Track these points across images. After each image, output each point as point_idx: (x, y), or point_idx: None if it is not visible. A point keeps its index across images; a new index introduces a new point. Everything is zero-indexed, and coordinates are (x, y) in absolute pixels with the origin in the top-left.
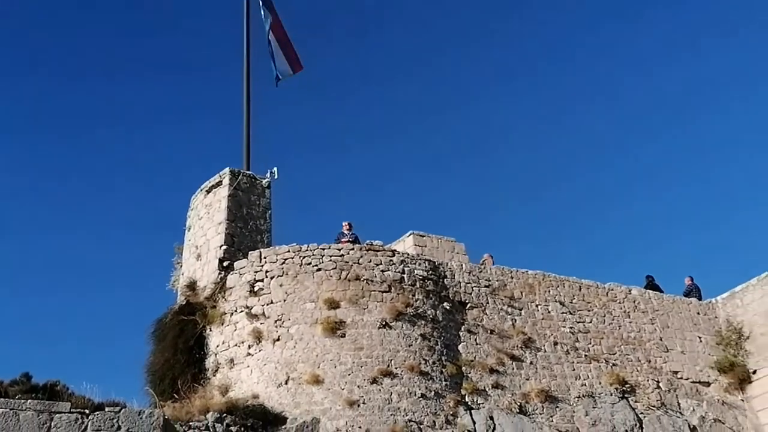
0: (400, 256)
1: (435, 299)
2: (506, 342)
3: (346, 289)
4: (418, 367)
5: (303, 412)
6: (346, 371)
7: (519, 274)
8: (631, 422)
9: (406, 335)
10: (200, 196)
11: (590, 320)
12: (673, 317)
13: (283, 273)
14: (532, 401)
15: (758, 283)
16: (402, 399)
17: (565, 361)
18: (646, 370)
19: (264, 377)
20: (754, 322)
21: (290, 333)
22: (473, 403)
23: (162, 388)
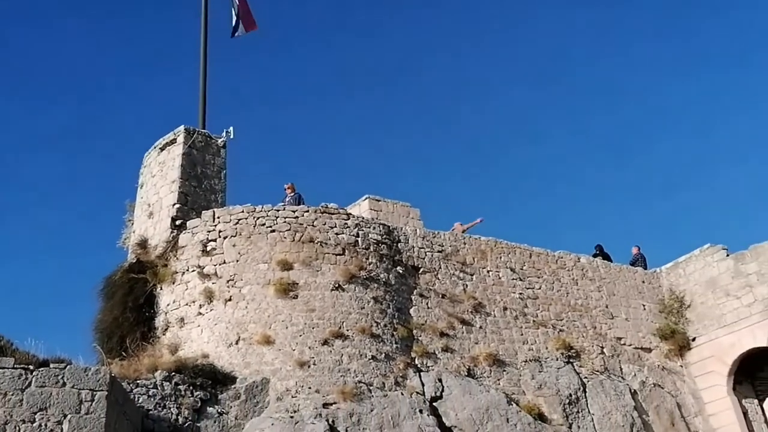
0: (355, 219)
1: (388, 263)
2: (457, 306)
3: (299, 250)
4: (370, 330)
5: (253, 372)
6: (298, 332)
7: (472, 240)
8: (575, 386)
9: (359, 298)
10: (154, 154)
11: (539, 287)
12: (619, 285)
13: (237, 233)
14: (480, 365)
15: (700, 254)
16: (352, 360)
17: (514, 326)
18: (592, 336)
19: (215, 337)
20: (695, 292)
21: (242, 293)
22: (423, 365)
23: (110, 346)
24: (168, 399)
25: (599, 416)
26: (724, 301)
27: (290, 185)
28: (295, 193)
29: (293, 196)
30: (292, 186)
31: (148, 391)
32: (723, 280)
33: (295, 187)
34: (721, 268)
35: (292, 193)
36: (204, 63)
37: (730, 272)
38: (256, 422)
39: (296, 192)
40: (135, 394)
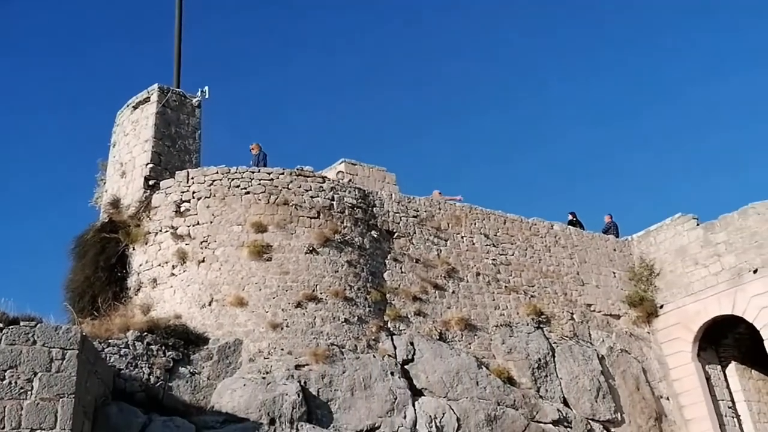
0: (330, 182)
1: (363, 227)
2: (430, 271)
3: (274, 213)
4: (343, 293)
5: (226, 333)
6: (271, 294)
7: (447, 205)
8: (545, 351)
9: (333, 261)
10: (127, 112)
11: (512, 253)
12: (591, 253)
13: (211, 194)
14: (452, 329)
15: (671, 224)
16: (325, 323)
17: (486, 292)
18: (562, 302)
19: (187, 298)
20: (664, 260)
21: (216, 255)
22: (395, 329)
23: (81, 305)
24: (140, 359)
25: (567, 380)
26: (693, 269)
27: (255, 145)
28: (260, 152)
29: (257, 155)
30: (257, 146)
31: (120, 351)
32: (692, 249)
33: (260, 147)
34: (690, 237)
35: (257, 152)
36: (179, 20)
37: (700, 241)
38: (228, 383)
39: (261, 151)
40: (106, 353)
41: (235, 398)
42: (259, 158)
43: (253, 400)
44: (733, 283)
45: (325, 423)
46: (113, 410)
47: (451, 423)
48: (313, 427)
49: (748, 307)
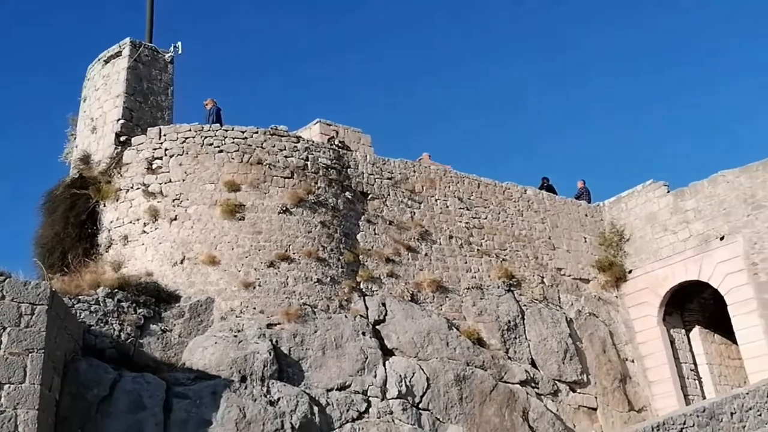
0: (305, 142)
1: (337, 188)
2: (404, 233)
3: (247, 172)
4: (316, 254)
5: (197, 292)
6: (244, 254)
7: (421, 168)
8: (514, 313)
9: (306, 222)
10: (97, 66)
11: (485, 217)
12: (563, 218)
13: (184, 152)
14: (424, 290)
15: (642, 190)
16: (298, 283)
17: (458, 255)
18: (533, 266)
19: (159, 255)
20: (635, 226)
21: (188, 213)
22: (368, 290)
23: (51, 261)
24: (110, 315)
25: (535, 342)
26: (662, 235)
27: (209, 100)
28: (213, 107)
29: (210, 109)
30: (211, 101)
31: (90, 307)
32: (662, 215)
33: (215, 102)
34: (661, 204)
35: (211, 107)
36: None
37: (670, 208)
38: (199, 340)
39: (215, 106)
40: (76, 309)
41: (206, 356)
42: (211, 113)
43: (224, 357)
44: (701, 249)
45: (296, 381)
46: (83, 366)
47: (421, 382)
48: (284, 385)
49: (713, 273)
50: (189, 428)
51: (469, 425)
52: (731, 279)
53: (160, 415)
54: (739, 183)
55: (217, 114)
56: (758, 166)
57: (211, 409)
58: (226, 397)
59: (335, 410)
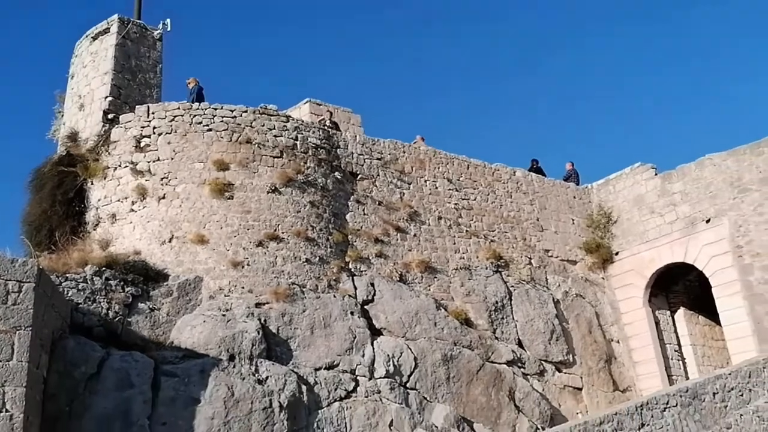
0: (294, 122)
1: (326, 168)
2: (393, 214)
3: (236, 151)
4: (305, 233)
5: (186, 270)
6: (232, 233)
7: (411, 149)
8: (502, 294)
9: (295, 201)
10: (85, 43)
11: (474, 198)
12: (551, 200)
13: (172, 130)
14: (412, 271)
15: (631, 173)
16: (286, 263)
17: (447, 235)
18: (521, 247)
19: (147, 234)
20: (622, 208)
21: (176, 192)
22: (356, 270)
23: (39, 239)
24: (98, 293)
25: (522, 323)
26: (649, 218)
27: (192, 79)
28: (196, 86)
29: (192, 88)
30: (194, 80)
31: (78, 285)
32: (649, 197)
33: (197, 81)
34: (648, 187)
35: (193, 86)
36: None
37: (657, 191)
38: (188, 319)
39: (197, 85)
40: (64, 287)
41: (194, 334)
42: (192, 93)
43: (212, 336)
44: (687, 231)
45: (285, 360)
46: (71, 344)
47: (409, 362)
48: (273, 364)
49: (699, 255)
50: (177, 406)
51: (455, 404)
52: (716, 261)
53: (148, 393)
54: (726, 166)
55: (199, 93)
56: (745, 150)
57: (199, 387)
58: (215, 375)
59: (323, 389)
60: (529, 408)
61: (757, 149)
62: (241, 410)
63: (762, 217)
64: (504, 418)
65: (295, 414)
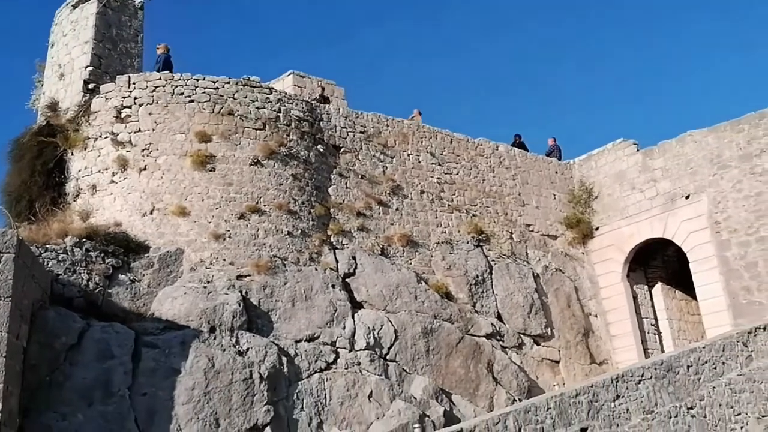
0: (277, 94)
1: (309, 141)
2: (375, 187)
3: (218, 123)
4: (287, 206)
5: (167, 242)
6: (214, 205)
7: (394, 122)
8: (483, 268)
9: (278, 174)
10: (66, 11)
11: (457, 172)
12: (533, 175)
13: (153, 101)
14: (394, 244)
15: (612, 148)
16: (268, 235)
17: (429, 209)
18: (503, 221)
19: (128, 206)
20: (603, 184)
21: (158, 163)
22: (338, 243)
23: (18, 209)
24: (78, 265)
25: (502, 296)
26: (629, 193)
27: (162, 45)
28: (163, 53)
29: (160, 56)
30: (164, 46)
31: (58, 256)
32: (631, 173)
33: (168, 48)
34: (630, 163)
35: (161, 52)
36: None
37: (638, 167)
38: (168, 291)
39: (166, 53)
40: (44, 258)
41: (175, 306)
42: (158, 61)
43: (193, 308)
44: (666, 207)
45: (265, 332)
46: (51, 315)
47: (389, 334)
48: (253, 336)
49: (678, 231)
50: (158, 377)
51: (435, 376)
52: (694, 237)
53: (129, 364)
54: (707, 143)
55: (166, 61)
56: (726, 127)
57: (179, 358)
58: (195, 346)
59: (303, 361)
60: (507, 380)
61: (737, 126)
62: (221, 381)
63: (740, 194)
64: (482, 389)
65: (276, 385)
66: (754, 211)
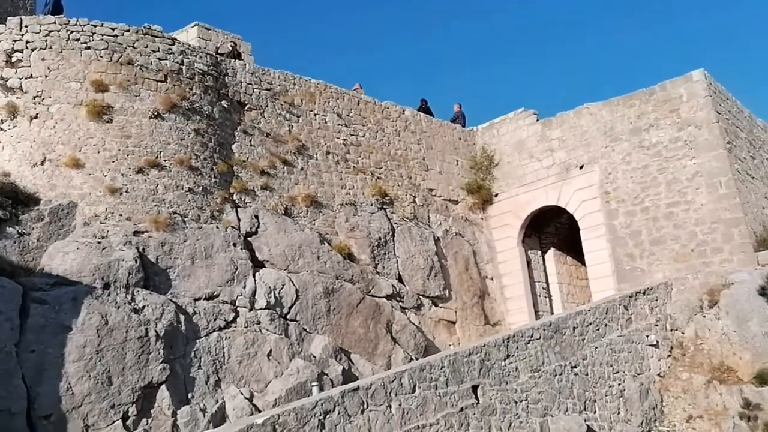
0: (180, 45)
1: (213, 96)
2: (281, 146)
3: (117, 72)
4: (188, 162)
5: (59, 195)
6: (110, 158)
7: (302, 81)
8: (385, 230)
9: (179, 129)
10: None
11: (363, 134)
12: (438, 140)
13: (47, 46)
14: (298, 204)
15: (514, 117)
16: (168, 191)
17: (334, 171)
18: (406, 185)
19: (17, 155)
20: (504, 152)
21: (50, 112)
22: (241, 201)
23: None
24: None
25: (403, 259)
26: (528, 162)
27: None
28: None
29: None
30: None
31: None
32: (530, 143)
33: None
34: (529, 132)
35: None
36: None
37: (537, 136)
38: (60, 245)
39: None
40: None
41: (67, 261)
42: (48, 2)
43: (86, 263)
44: (561, 177)
45: (163, 290)
46: None
47: (290, 294)
48: (150, 293)
49: (571, 200)
50: (47, 333)
51: (334, 336)
52: (586, 205)
53: (16, 320)
54: (601, 116)
55: (55, 4)
56: (619, 101)
57: (71, 315)
58: (88, 303)
59: (202, 319)
60: (405, 340)
61: (629, 101)
62: (115, 339)
63: (629, 166)
64: (381, 349)
65: (173, 343)
66: (641, 182)
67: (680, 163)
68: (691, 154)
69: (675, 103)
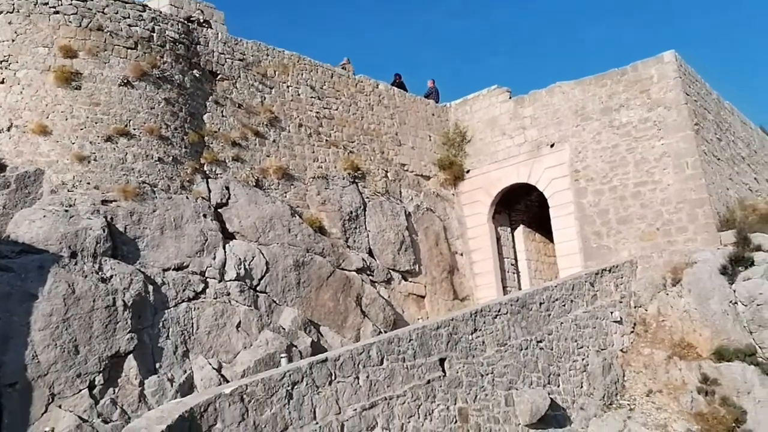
0: (152, 12)
1: (185, 65)
2: (253, 118)
3: (86, 38)
4: (159, 131)
5: (26, 162)
6: (79, 125)
7: (275, 52)
8: (357, 204)
9: (149, 97)
10: None
11: (336, 108)
12: (411, 115)
13: (14, 9)
14: (269, 177)
15: (487, 94)
16: (137, 160)
17: (307, 144)
18: (379, 160)
19: None
20: (476, 128)
21: (17, 77)
22: (211, 172)
23: None
24: None
25: (374, 233)
26: (500, 139)
27: None
28: None
29: None
30: None
31: None
32: (502, 120)
33: None
34: (502, 109)
35: None
36: None
37: (510, 114)
38: (26, 213)
39: None
40: None
41: (33, 229)
42: None
43: (53, 232)
44: (532, 154)
45: (131, 260)
46: None
47: (260, 266)
48: (118, 263)
49: (541, 178)
50: (12, 302)
51: (304, 308)
52: (555, 183)
53: None
54: (573, 95)
55: None
56: (591, 81)
57: (37, 283)
58: (54, 272)
59: (171, 290)
60: (375, 313)
61: (601, 81)
62: (81, 308)
63: (599, 145)
64: (350, 321)
65: (141, 313)
66: (610, 162)
67: (649, 144)
68: (659, 134)
69: (645, 84)
